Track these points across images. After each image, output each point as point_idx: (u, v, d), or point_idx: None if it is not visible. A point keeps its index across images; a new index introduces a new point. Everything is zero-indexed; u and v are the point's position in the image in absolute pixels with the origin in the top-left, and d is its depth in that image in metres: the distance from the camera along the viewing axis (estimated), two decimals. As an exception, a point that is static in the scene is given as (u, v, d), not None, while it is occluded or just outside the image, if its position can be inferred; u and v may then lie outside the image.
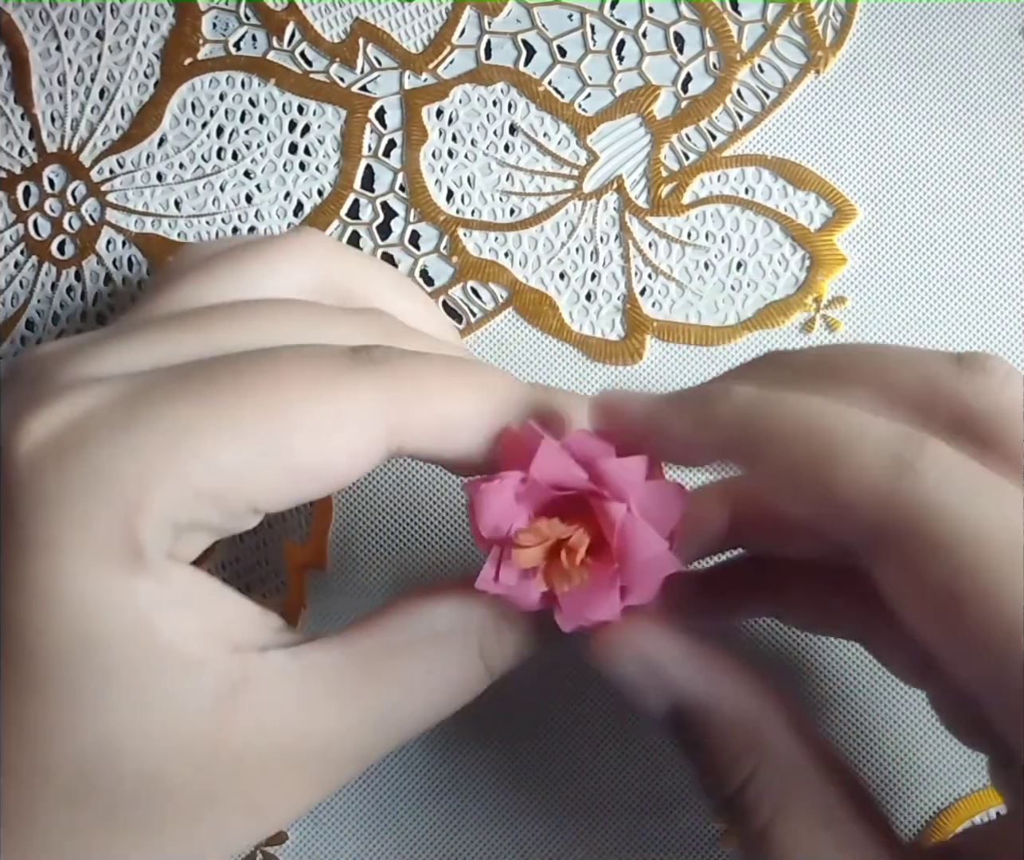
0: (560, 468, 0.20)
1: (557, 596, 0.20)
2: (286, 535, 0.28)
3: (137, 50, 0.28)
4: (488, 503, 0.20)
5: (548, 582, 0.20)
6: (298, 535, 0.28)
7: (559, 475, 0.20)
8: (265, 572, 0.28)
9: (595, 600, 0.20)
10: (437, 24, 0.28)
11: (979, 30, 0.27)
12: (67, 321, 0.28)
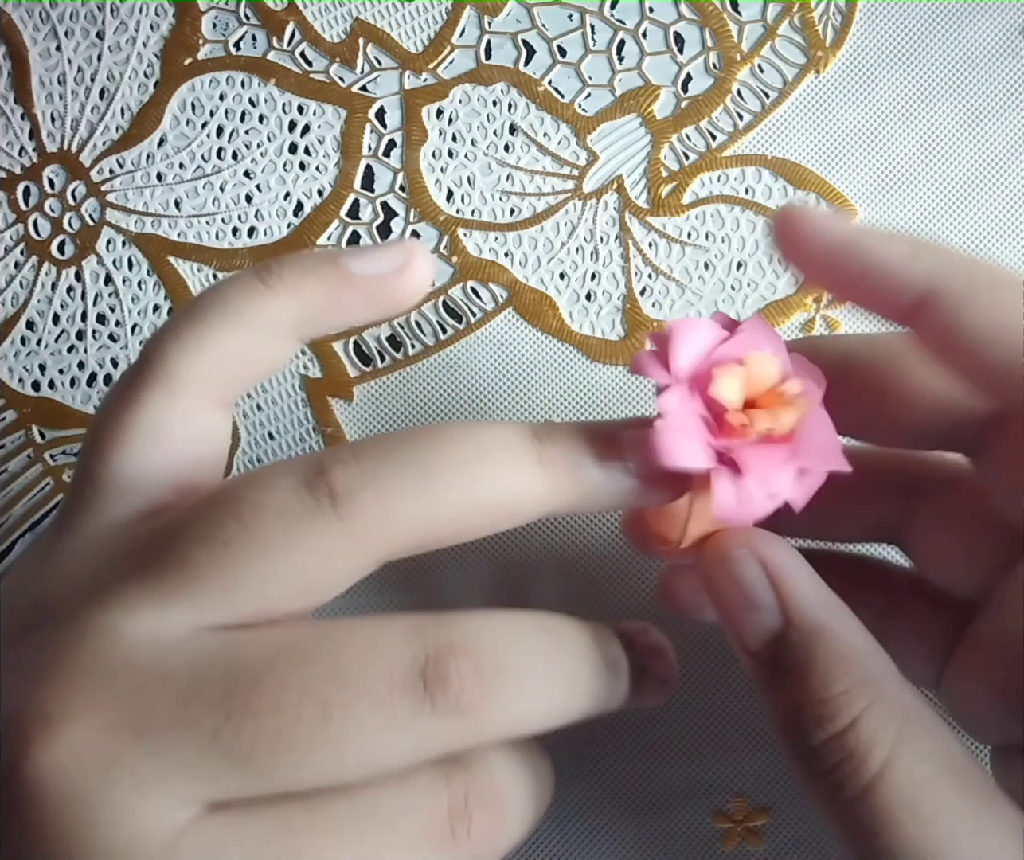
0: (768, 340, 0.19)
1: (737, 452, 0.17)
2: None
3: (137, 50, 0.28)
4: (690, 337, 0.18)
5: (746, 416, 0.17)
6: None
7: (772, 342, 0.18)
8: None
9: (775, 465, 0.18)
10: (437, 24, 0.28)
11: (979, 30, 0.27)
12: (67, 321, 0.28)
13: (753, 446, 0.17)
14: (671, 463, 0.17)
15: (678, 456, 0.17)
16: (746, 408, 0.18)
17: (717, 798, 0.28)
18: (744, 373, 0.18)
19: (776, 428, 0.18)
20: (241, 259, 0.28)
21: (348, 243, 0.28)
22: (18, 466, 0.28)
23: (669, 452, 0.17)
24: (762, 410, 0.18)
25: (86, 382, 0.28)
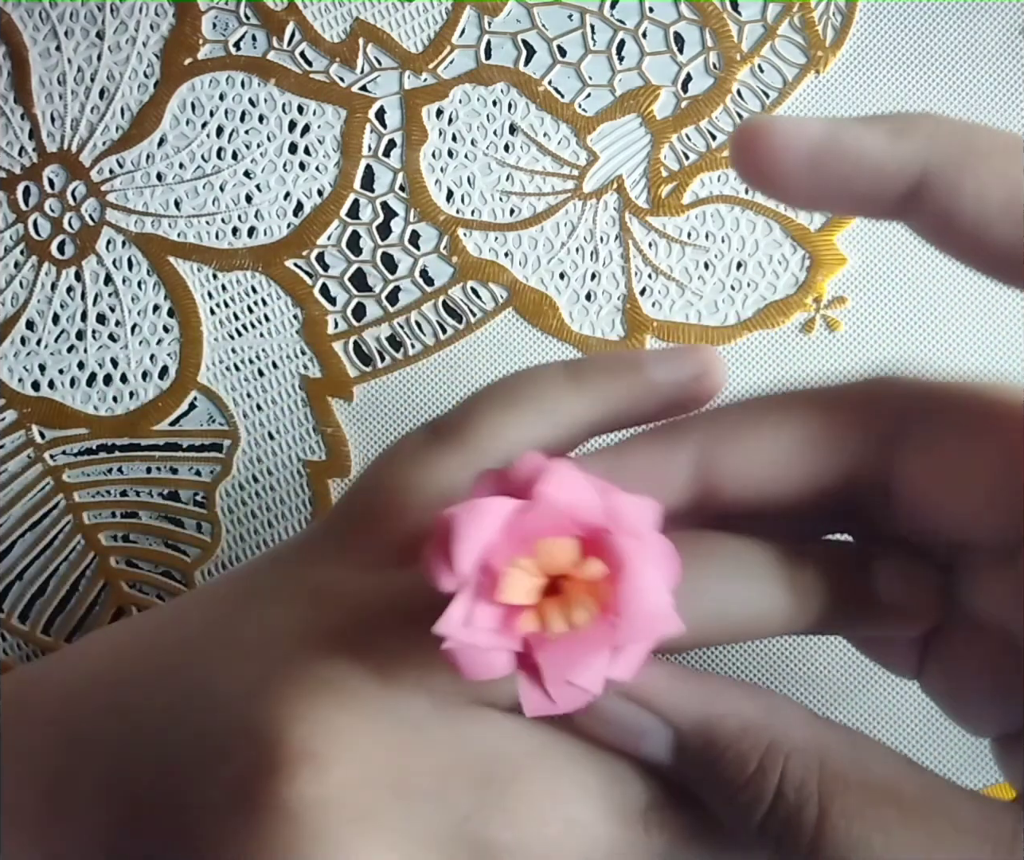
0: (578, 491, 0.16)
1: (537, 654, 0.16)
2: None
3: (137, 50, 0.28)
4: (473, 528, 0.16)
5: (541, 618, 0.16)
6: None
7: (575, 499, 0.16)
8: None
9: (583, 659, 0.16)
10: (437, 24, 0.28)
11: (979, 30, 0.27)
12: (67, 321, 0.28)
13: (553, 642, 0.16)
14: (473, 677, 0.16)
15: (478, 670, 0.16)
16: (551, 590, 0.16)
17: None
18: (534, 565, 0.16)
19: (573, 624, 0.16)
20: (241, 259, 0.28)
21: (348, 243, 0.28)
22: (18, 466, 0.28)
23: (468, 668, 0.16)
24: (556, 604, 0.16)
25: (86, 382, 0.28)
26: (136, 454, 0.28)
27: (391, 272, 0.28)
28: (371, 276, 0.28)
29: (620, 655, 0.16)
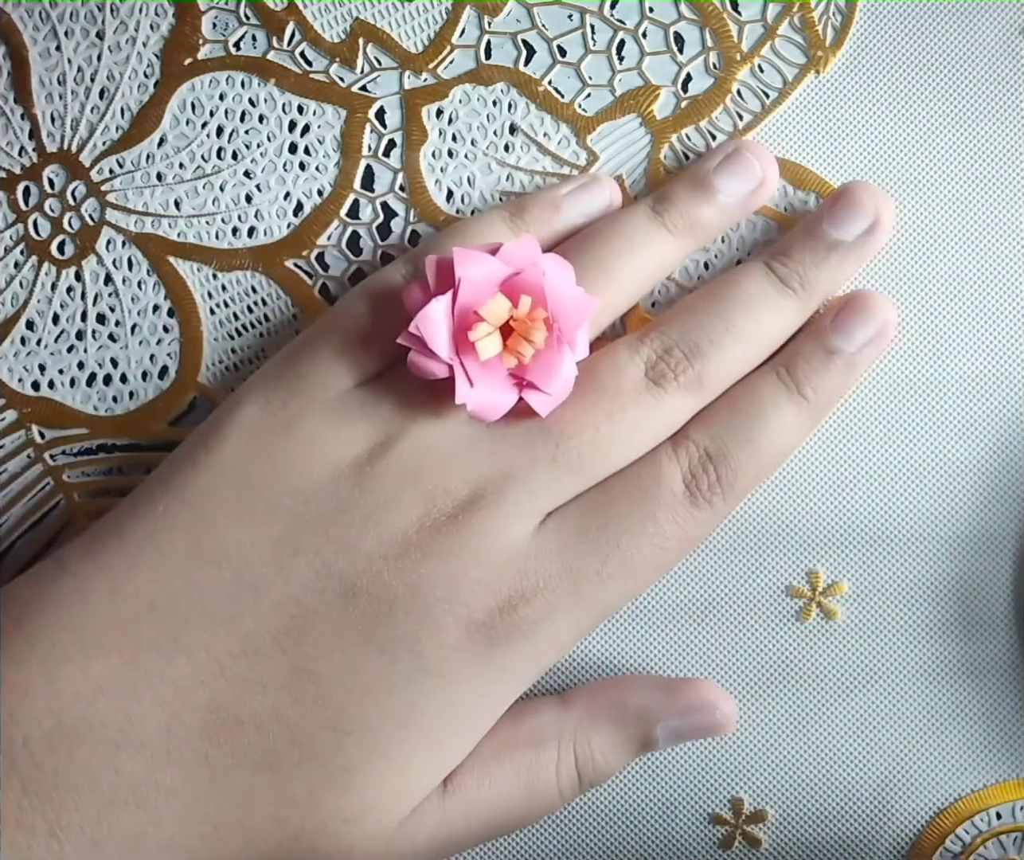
0: (481, 263, 0.23)
1: (526, 377, 0.23)
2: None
3: (137, 50, 0.28)
4: (436, 322, 0.23)
5: (514, 353, 0.23)
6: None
7: (482, 270, 0.23)
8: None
9: (555, 361, 0.23)
10: (437, 24, 0.28)
11: (979, 30, 0.27)
12: (67, 321, 0.28)
13: (530, 364, 0.23)
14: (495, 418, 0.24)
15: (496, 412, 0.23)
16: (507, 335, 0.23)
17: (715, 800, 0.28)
18: (487, 326, 0.23)
19: (535, 343, 0.23)
20: (241, 259, 0.28)
21: (348, 243, 0.28)
22: (18, 466, 0.28)
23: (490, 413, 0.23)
24: (517, 340, 0.23)
25: (86, 382, 0.28)
26: (136, 454, 0.28)
27: (391, 272, 0.28)
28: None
29: (574, 345, 0.24)
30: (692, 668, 0.28)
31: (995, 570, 0.27)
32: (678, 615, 0.28)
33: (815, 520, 0.27)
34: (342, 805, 0.22)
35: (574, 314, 0.23)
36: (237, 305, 0.28)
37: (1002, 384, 0.27)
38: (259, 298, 0.28)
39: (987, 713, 0.27)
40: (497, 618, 0.23)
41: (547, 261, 0.24)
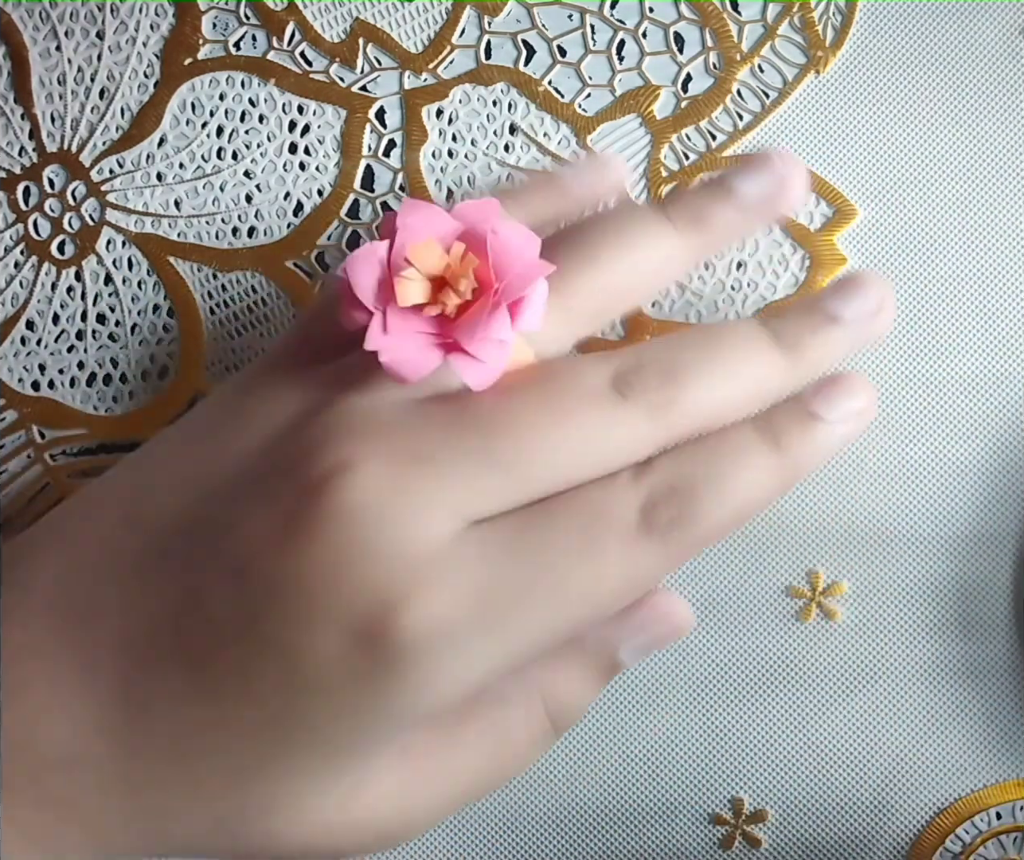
0: (427, 213, 0.21)
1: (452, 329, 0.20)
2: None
3: (137, 50, 0.28)
4: (365, 265, 0.20)
5: (439, 303, 0.20)
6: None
7: (426, 220, 0.21)
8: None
9: (486, 319, 0.20)
10: (437, 24, 0.28)
11: (979, 30, 0.27)
12: (67, 321, 0.28)
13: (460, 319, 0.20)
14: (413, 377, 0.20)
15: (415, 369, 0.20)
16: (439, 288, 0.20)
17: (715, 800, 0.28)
18: (415, 272, 0.20)
19: (461, 293, 0.20)
20: (241, 259, 0.28)
21: (348, 243, 0.28)
22: (18, 466, 0.28)
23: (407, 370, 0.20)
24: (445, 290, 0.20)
25: (86, 382, 0.28)
26: (136, 454, 0.28)
27: (391, 272, 0.28)
28: (371, 276, 0.28)
29: (520, 309, 0.20)
30: (692, 667, 0.28)
31: (995, 570, 0.27)
32: (678, 615, 0.28)
33: (815, 520, 0.27)
34: (252, 796, 0.21)
35: (520, 273, 0.20)
36: (237, 305, 0.28)
37: (1002, 384, 0.27)
38: (259, 298, 0.28)
39: (987, 713, 0.27)
40: (382, 627, 0.19)
41: (505, 223, 0.21)
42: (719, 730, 0.28)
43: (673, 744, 0.28)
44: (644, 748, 0.28)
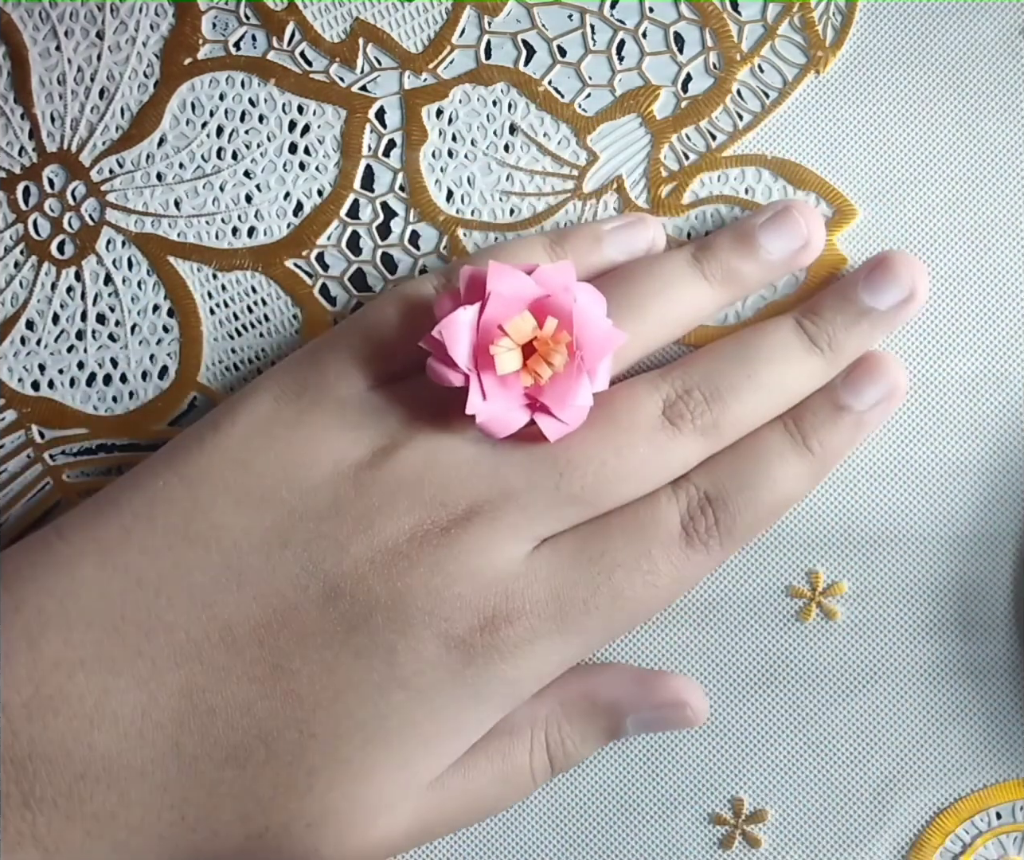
0: (513, 279, 0.23)
1: (540, 399, 0.23)
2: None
3: (137, 50, 0.28)
4: (460, 330, 0.22)
5: (531, 372, 0.23)
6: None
7: (513, 287, 0.23)
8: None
9: (572, 387, 0.23)
10: (437, 24, 0.28)
11: (979, 30, 0.27)
12: (67, 321, 0.28)
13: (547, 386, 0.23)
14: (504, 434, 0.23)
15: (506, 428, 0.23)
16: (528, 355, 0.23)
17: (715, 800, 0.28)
18: (510, 341, 0.23)
19: (554, 366, 0.23)
20: (241, 259, 0.28)
21: (347, 243, 0.28)
22: (17, 466, 0.28)
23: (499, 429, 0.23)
24: (538, 360, 0.23)
25: (86, 382, 0.28)
26: (136, 454, 0.28)
27: (391, 272, 0.28)
28: (371, 276, 0.28)
29: (594, 376, 0.23)
30: (692, 667, 0.28)
31: (995, 570, 0.27)
32: (678, 615, 0.28)
33: (815, 520, 0.27)
34: (305, 809, 0.22)
35: (599, 344, 0.23)
36: (237, 305, 0.28)
37: (1002, 384, 0.27)
38: (259, 298, 0.28)
39: (987, 713, 0.27)
40: (477, 637, 0.23)
41: (580, 289, 0.23)
42: (719, 730, 0.28)
43: (673, 744, 0.28)
44: (644, 747, 0.28)
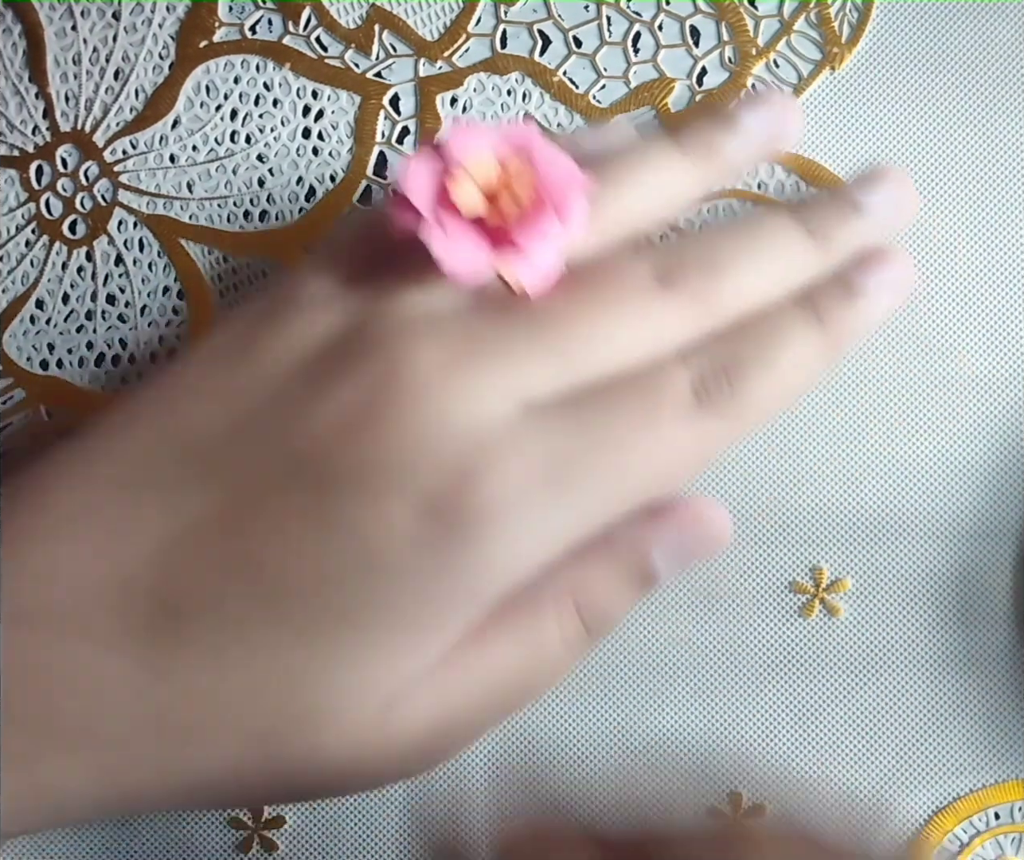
0: (474, 129, 0.22)
1: (510, 237, 0.21)
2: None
3: (153, 31, 0.28)
4: (420, 174, 0.21)
5: (497, 211, 0.21)
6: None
7: (474, 134, 0.21)
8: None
9: (541, 225, 0.21)
10: (453, 12, 0.28)
11: (995, 30, 0.27)
12: (77, 301, 0.28)
13: (513, 225, 0.21)
14: (465, 277, 0.21)
15: (465, 270, 0.21)
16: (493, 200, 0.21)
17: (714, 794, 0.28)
18: (470, 178, 0.21)
19: (520, 200, 0.21)
20: (252, 243, 0.28)
21: (360, 229, 0.28)
22: (25, 445, 0.29)
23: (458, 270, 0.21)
24: (502, 198, 0.21)
25: (94, 362, 0.29)
26: (144, 435, 0.28)
27: (402, 259, 0.28)
28: (382, 263, 0.28)
29: (565, 214, 0.21)
30: (693, 662, 0.28)
31: (999, 569, 0.27)
32: (680, 609, 0.28)
33: (819, 516, 0.27)
34: (293, 705, 0.20)
35: (566, 182, 0.21)
36: (248, 289, 0.28)
37: (1010, 383, 0.27)
38: (270, 282, 0.28)
39: (988, 712, 0.28)
40: (456, 499, 0.20)
41: (545, 143, 0.22)
42: (719, 725, 0.28)
43: (673, 738, 0.28)
44: (644, 742, 0.28)
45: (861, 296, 0.24)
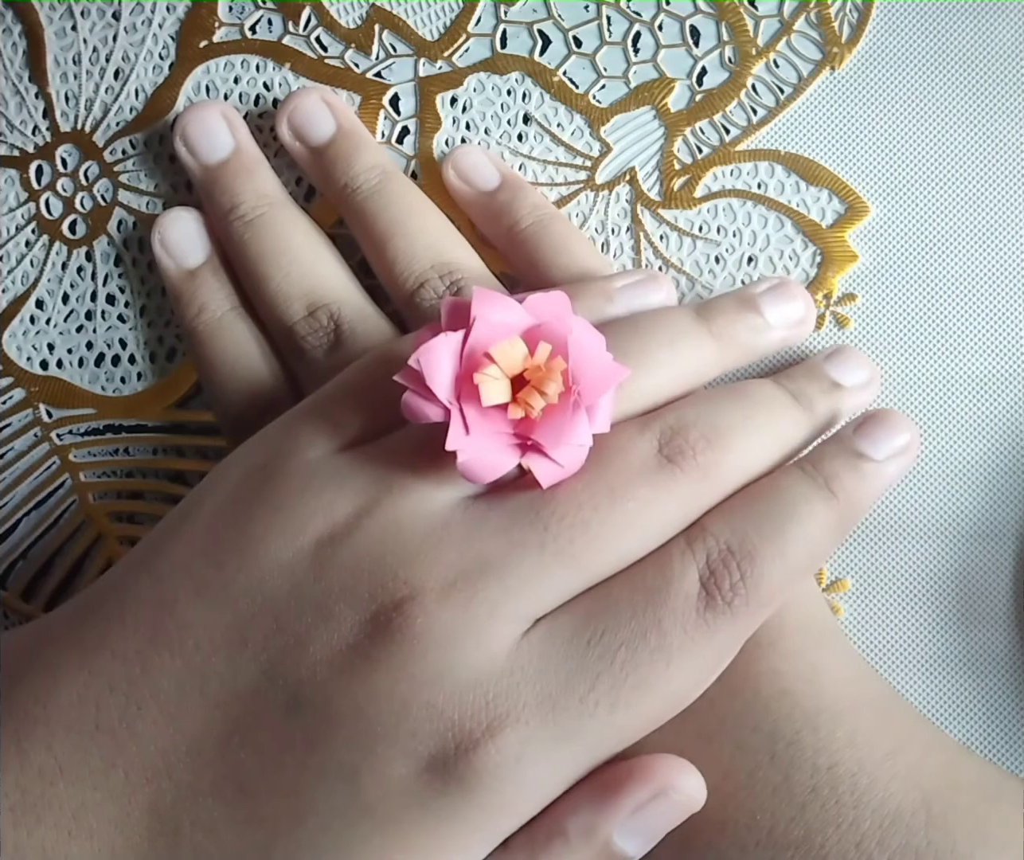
0: (501, 305, 0.20)
1: (532, 436, 0.19)
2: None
3: (153, 31, 0.28)
4: (440, 357, 0.19)
5: (522, 404, 0.19)
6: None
7: (501, 312, 0.20)
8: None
9: (569, 423, 0.19)
10: (453, 12, 0.28)
11: (995, 29, 0.27)
12: (77, 301, 0.28)
13: (539, 421, 0.20)
14: (488, 479, 0.20)
15: (491, 471, 0.20)
16: (519, 387, 0.20)
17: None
18: (498, 370, 0.19)
19: (547, 396, 0.19)
20: (252, 243, 0.28)
21: (360, 229, 0.28)
22: (24, 445, 0.28)
23: (483, 472, 0.20)
24: (529, 391, 0.19)
25: (94, 362, 0.28)
26: (143, 435, 0.28)
27: (402, 259, 0.28)
28: (382, 262, 0.28)
29: (593, 413, 0.20)
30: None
31: (998, 567, 0.27)
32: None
33: (821, 517, 0.27)
34: None
35: (598, 377, 0.20)
36: (247, 289, 0.28)
37: (1010, 383, 0.27)
38: (270, 282, 0.28)
39: (988, 711, 0.27)
40: (452, 757, 0.19)
41: (576, 321, 0.21)
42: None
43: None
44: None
45: (871, 465, 0.23)
